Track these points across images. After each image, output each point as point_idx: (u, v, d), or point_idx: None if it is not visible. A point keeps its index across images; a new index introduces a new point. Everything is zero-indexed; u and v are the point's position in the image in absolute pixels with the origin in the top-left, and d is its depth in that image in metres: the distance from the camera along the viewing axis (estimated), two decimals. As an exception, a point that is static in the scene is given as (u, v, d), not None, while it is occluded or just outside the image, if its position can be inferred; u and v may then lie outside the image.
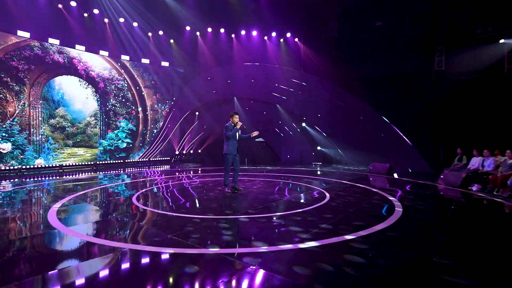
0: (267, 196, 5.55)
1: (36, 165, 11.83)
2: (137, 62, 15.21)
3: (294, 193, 5.82)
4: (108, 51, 14.13)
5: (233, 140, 5.92)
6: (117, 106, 14.55)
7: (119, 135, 14.56)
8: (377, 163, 9.53)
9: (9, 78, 11.29)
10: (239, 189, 6.12)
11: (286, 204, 4.85)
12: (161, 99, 16.06)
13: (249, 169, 11.19)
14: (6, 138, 11.18)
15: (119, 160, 14.30)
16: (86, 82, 13.49)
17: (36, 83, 12.05)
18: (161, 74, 15.96)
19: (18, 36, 11.48)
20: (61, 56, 12.68)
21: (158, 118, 15.96)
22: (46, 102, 12.38)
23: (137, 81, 15.20)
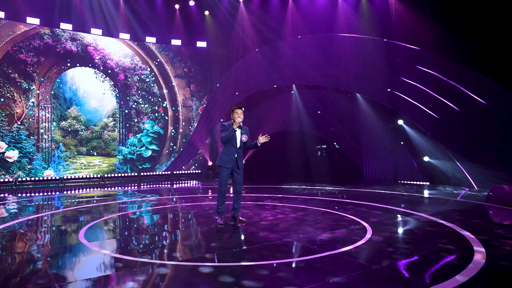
0: (277, 232, 5.26)
1: (45, 177, 13.57)
2: (166, 44, 16.17)
3: (320, 232, 5.21)
4: (129, 33, 15.39)
5: (230, 147, 5.72)
6: (141, 103, 15.71)
7: (143, 140, 15.69)
8: (505, 187, 7.97)
9: (17, 74, 13.26)
10: (241, 220, 5.86)
11: (298, 248, 4.37)
12: (196, 91, 16.72)
13: (291, 189, 10.64)
14: (13, 145, 13.13)
15: (142, 172, 15.36)
16: (102, 74, 14.95)
17: (46, 78, 13.88)
18: (197, 58, 16.62)
19: (27, 24, 13.42)
20: (74, 44, 14.34)
21: (193, 117, 16.65)
22: (57, 101, 14.13)
23: (165, 70, 16.16)
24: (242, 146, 5.94)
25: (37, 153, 13.66)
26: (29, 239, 5.03)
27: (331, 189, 10.76)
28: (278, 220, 6.17)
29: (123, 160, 15.32)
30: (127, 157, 15.38)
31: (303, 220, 6.12)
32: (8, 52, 13.11)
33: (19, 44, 13.30)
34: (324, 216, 6.46)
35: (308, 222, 5.93)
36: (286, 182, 12.80)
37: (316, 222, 5.92)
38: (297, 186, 11.57)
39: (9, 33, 13.12)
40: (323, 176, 13.38)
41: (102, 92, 15.00)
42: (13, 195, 10.62)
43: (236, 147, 5.83)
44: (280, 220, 6.13)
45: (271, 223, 5.90)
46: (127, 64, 15.42)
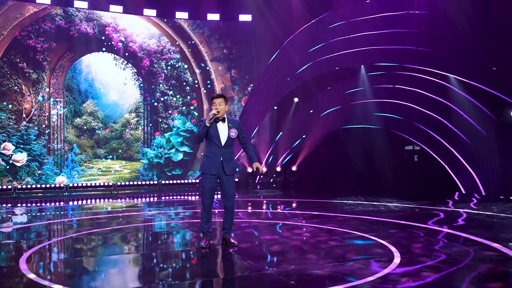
0: (267, 261, 5.45)
1: (57, 184, 14.39)
2: (201, 20, 16.24)
3: (324, 263, 5.11)
4: (156, 8, 15.72)
5: (212, 146, 5.65)
6: (170, 95, 15.98)
7: (172, 140, 15.94)
8: None
9: (25, 63, 14.23)
10: (232, 243, 5.84)
11: (270, 283, 4.51)
12: (238, 78, 16.57)
13: (340, 204, 10.09)
14: (21, 146, 14.12)
15: (171, 180, 15.60)
16: (124, 59, 15.47)
17: (57, 66, 14.72)
18: (239, 36, 16.46)
19: (37, 4, 14.33)
20: (90, 25, 15.01)
21: (234, 111, 16.52)
22: (70, 94, 14.92)
23: (200, 52, 16.24)
24: (232, 144, 5.78)
25: (48, 156, 14.52)
26: None
27: (398, 206, 9.87)
28: (284, 244, 6.17)
29: (148, 165, 15.69)
30: (153, 161, 15.72)
31: (316, 247, 5.97)
32: (15, 38, 14.11)
33: (27, 28, 14.25)
34: (350, 243, 6.18)
35: (320, 249, 5.80)
36: (341, 195, 12.11)
37: (331, 251, 5.74)
38: (351, 202, 10.91)
39: (16, 16, 14.11)
40: (397, 187, 12.47)
41: (123, 82, 15.51)
42: (6, 206, 11.34)
43: (220, 146, 5.65)
44: (287, 245, 6.11)
45: (271, 248, 5.95)
46: (153, 47, 15.77)
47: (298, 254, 5.56)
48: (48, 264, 5.46)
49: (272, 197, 12.91)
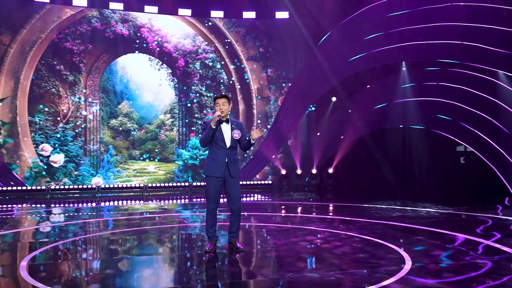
0: (264, 267, 5.30)
1: (93, 185, 14.53)
2: (236, 18, 15.96)
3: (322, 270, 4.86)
4: (191, 8, 15.59)
5: (217, 148, 5.56)
6: (205, 95, 15.80)
7: (207, 141, 15.70)
8: None
9: (62, 66, 14.48)
10: (238, 248, 5.70)
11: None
12: (275, 78, 16.17)
13: (371, 209, 9.54)
14: (58, 148, 14.37)
15: (203, 182, 15.37)
16: (159, 60, 15.44)
17: (94, 68, 14.88)
18: (276, 34, 16.05)
19: (74, 6, 14.54)
20: (125, 26, 15.08)
21: (270, 111, 16.13)
22: (106, 95, 15.05)
23: (235, 51, 15.97)
24: (236, 146, 5.66)
25: (85, 157, 14.70)
26: None
27: (436, 212, 9.15)
28: (289, 250, 5.98)
29: (183, 166, 15.59)
30: (188, 162, 15.60)
31: (321, 253, 5.83)
32: (53, 41, 14.37)
33: (64, 31, 14.49)
34: (359, 251, 5.79)
35: (323, 257, 5.64)
36: (377, 199, 11.48)
37: (334, 258, 5.52)
38: (385, 206, 10.31)
39: (54, 19, 14.37)
40: (440, 191, 11.69)
41: (158, 83, 15.49)
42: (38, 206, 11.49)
43: (225, 148, 5.55)
44: (291, 251, 5.92)
45: (275, 254, 5.80)
46: (187, 47, 15.65)
47: (301, 261, 5.43)
48: (80, 262, 5.48)
49: (302, 200, 12.43)
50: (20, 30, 13.90)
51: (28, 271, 4.76)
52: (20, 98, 13.99)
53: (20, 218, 9.78)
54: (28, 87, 14.10)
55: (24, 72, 14.01)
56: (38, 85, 14.22)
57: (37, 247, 6.21)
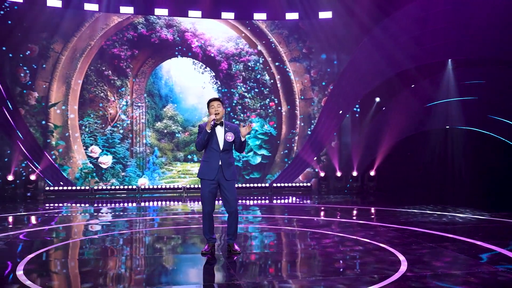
0: (249, 270, 5.25)
1: (140, 186, 15.04)
2: (279, 20, 15.94)
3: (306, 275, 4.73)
4: (234, 11, 15.76)
5: (210, 151, 5.61)
6: (248, 97, 15.90)
7: (250, 143, 15.83)
8: None
9: (110, 71, 15.13)
10: (235, 250, 5.71)
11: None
12: (318, 79, 15.96)
13: (401, 213, 9.12)
14: (106, 149, 15.03)
15: (249, 183, 15.49)
16: (202, 64, 15.73)
17: (140, 73, 15.43)
18: (319, 34, 15.84)
19: (121, 14, 15.17)
20: (170, 31, 15.51)
21: (313, 112, 15.94)
22: (151, 99, 15.54)
23: (278, 53, 15.94)
24: (230, 149, 5.68)
25: (131, 158, 15.26)
26: None
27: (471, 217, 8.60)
28: (287, 253, 6.06)
29: (226, 168, 15.69)
30: (231, 164, 15.70)
31: (317, 258, 5.74)
32: (101, 48, 15.06)
33: (112, 37, 15.14)
34: (357, 257, 5.65)
35: (318, 261, 5.59)
36: (415, 203, 11.05)
37: (327, 263, 5.44)
38: (418, 211, 9.92)
39: (102, 26, 15.06)
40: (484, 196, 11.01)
41: (201, 86, 15.77)
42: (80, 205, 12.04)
43: (219, 151, 5.57)
44: (288, 255, 5.98)
45: (270, 257, 5.81)
46: (230, 50, 15.82)
47: (290, 265, 5.45)
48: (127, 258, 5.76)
49: (336, 203, 12.17)
50: (71, 38, 14.67)
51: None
52: (71, 103, 14.77)
53: (69, 216, 10.30)
54: (79, 92, 14.86)
55: (74, 77, 14.78)
56: (88, 90, 14.94)
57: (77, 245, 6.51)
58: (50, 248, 6.16)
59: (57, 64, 14.58)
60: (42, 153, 14.10)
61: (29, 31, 14.06)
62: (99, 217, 10.15)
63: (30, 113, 14.31)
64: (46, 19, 14.28)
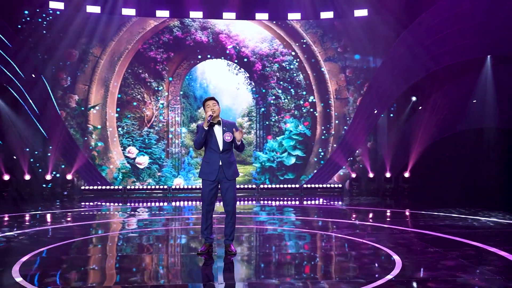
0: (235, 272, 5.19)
1: (175, 186, 15.33)
2: (314, 20, 15.80)
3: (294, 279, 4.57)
4: (268, 12, 15.77)
5: (210, 152, 5.61)
6: (282, 98, 15.87)
7: (285, 144, 15.79)
8: None
9: (147, 74, 15.53)
10: (230, 251, 5.70)
11: None
12: (353, 78, 15.69)
13: (428, 217, 8.68)
14: (143, 150, 15.43)
15: (283, 184, 15.45)
16: (236, 65, 15.84)
17: (175, 75, 15.74)
18: (355, 33, 15.55)
19: (157, 18, 15.53)
20: (204, 34, 15.72)
21: (348, 112, 15.69)
22: (187, 100, 15.81)
23: (313, 52, 15.80)
24: (230, 148, 5.66)
25: (167, 159, 15.59)
26: None
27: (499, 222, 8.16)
28: (282, 255, 5.99)
29: (260, 168, 15.79)
30: (265, 165, 15.76)
31: (307, 260, 5.67)
32: (138, 51, 15.49)
33: (149, 41, 15.53)
34: (352, 259, 5.53)
35: (309, 264, 5.55)
36: (445, 206, 10.66)
37: (316, 266, 5.43)
38: (444, 214, 9.53)
39: (139, 30, 15.48)
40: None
41: (236, 87, 15.88)
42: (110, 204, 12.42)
43: (219, 152, 5.55)
44: (282, 257, 5.89)
45: (263, 259, 5.76)
46: (265, 51, 15.84)
47: (279, 268, 5.38)
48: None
49: (362, 205, 11.93)
50: (109, 42, 15.18)
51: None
52: (109, 105, 15.28)
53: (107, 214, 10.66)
54: (117, 94, 15.36)
55: (112, 80, 15.27)
56: (125, 92, 15.41)
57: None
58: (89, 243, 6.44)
59: (96, 68, 15.11)
60: (80, 154, 14.66)
61: (70, 37, 14.66)
62: (131, 215, 10.42)
63: (70, 115, 14.92)
64: (86, 25, 14.85)
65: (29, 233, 7.32)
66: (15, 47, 13.14)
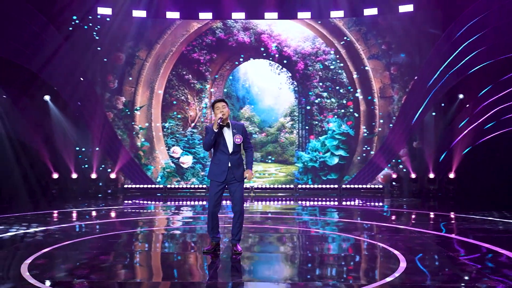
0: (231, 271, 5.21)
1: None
2: (357, 17, 15.54)
3: None
4: (310, 10, 15.68)
5: (220, 154, 5.66)
6: (324, 97, 15.72)
7: (327, 143, 15.64)
8: None
9: (190, 75, 15.87)
10: (235, 251, 5.74)
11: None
12: (398, 76, 15.28)
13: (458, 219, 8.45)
14: (187, 150, 15.78)
15: (325, 184, 15.31)
16: (278, 64, 15.86)
17: (218, 76, 15.97)
18: (400, 29, 15.16)
19: (200, 20, 15.84)
20: (246, 34, 15.86)
21: (393, 111, 15.29)
22: (229, 101, 15.98)
23: (356, 50, 15.54)
24: (239, 150, 5.69)
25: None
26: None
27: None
28: (286, 256, 5.90)
29: (303, 168, 15.71)
30: (308, 165, 15.67)
31: (307, 261, 5.61)
32: (182, 53, 15.86)
33: (192, 43, 15.86)
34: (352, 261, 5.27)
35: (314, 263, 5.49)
36: (487, 209, 10.20)
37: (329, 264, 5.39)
38: (478, 217, 9.12)
39: (183, 33, 15.85)
40: None
41: (278, 87, 15.91)
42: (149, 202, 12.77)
43: (228, 154, 5.59)
44: (282, 258, 5.83)
45: (265, 260, 5.76)
46: (307, 50, 15.75)
47: (272, 268, 5.36)
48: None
49: (397, 207, 11.62)
50: (155, 45, 15.65)
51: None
52: (154, 106, 15.74)
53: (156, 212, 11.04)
54: (161, 95, 15.79)
55: (157, 82, 15.73)
56: (170, 93, 15.83)
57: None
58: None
59: (142, 70, 15.62)
60: (124, 153, 15.20)
61: (117, 41, 15.26)
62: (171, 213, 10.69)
63: (118, 116, 15.50)
64: (132, 29, 15.41)
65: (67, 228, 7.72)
66: (65, 52, 13.79)
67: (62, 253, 5.73)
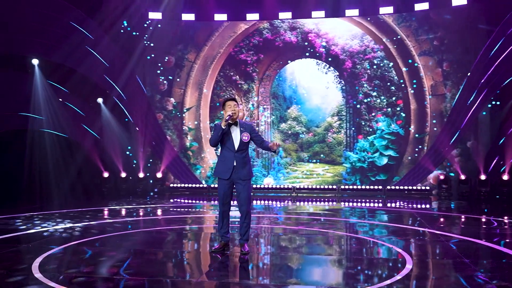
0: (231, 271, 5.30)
1: (265, 185, 15.69)
2: (407, 12, 15.08)
3: None
4: (358, 7, 15.40)
5: (226, 151, 5.73)
6: (373, 96, 15.39)
7: (376, 143, 15.30)
8: None
9: (238, 76, 16.08)
10: (242, 251, 5.79)
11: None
12: (451, 72, 14.66)
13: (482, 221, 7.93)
14: (235, 150, 15.99)
15: (375, 185, 15.00)
16: (326, 64, 15.71)
17: (265, 77, 16.07)
18: (453, 23, 14.55)
19: (248, 21, 16.02)
20: (293, 34, 15.84)
21: (446, 109, 14.69)
22: (276, 101, 16.06)
23: (406, 47, 15.08)
24: (245, 149, 5.75)
25: (257, 159, 15.98)
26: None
27: None
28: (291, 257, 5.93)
29: (350, 169, 15.48)
30: (356, 165, 15.41)
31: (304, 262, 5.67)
32: (230, 54, 16.11)
33: (239, 44, 16.07)
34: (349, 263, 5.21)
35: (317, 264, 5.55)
36: None
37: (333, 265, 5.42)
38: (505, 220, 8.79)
39: (230, 34, 16.09)
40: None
41: (325, 86, 15.77)
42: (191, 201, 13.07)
43: (233, 151, 5.68)
44: (285, 258, 5.87)
45: (271, 260, 5.86)
46: (355, 48, 15.48)
47: (273, 269, 5.46)
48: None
49: (440, 210, 11.24)
50: (203, 47, 16.00)
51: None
52: (202, 107, 16.11)
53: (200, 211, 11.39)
54: (210, 96, 16.12)
55: (206, 84, 16.08)
56: (218, 94, 16.12)
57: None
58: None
59: (191, 72, 16.02)
60: (172, 153, 15.67)
61: (167, 44, 15.76)
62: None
63: (168, 117, 16.01)
64: (181, 32, 15.86)
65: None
66: (115, 56, 14.42)
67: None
